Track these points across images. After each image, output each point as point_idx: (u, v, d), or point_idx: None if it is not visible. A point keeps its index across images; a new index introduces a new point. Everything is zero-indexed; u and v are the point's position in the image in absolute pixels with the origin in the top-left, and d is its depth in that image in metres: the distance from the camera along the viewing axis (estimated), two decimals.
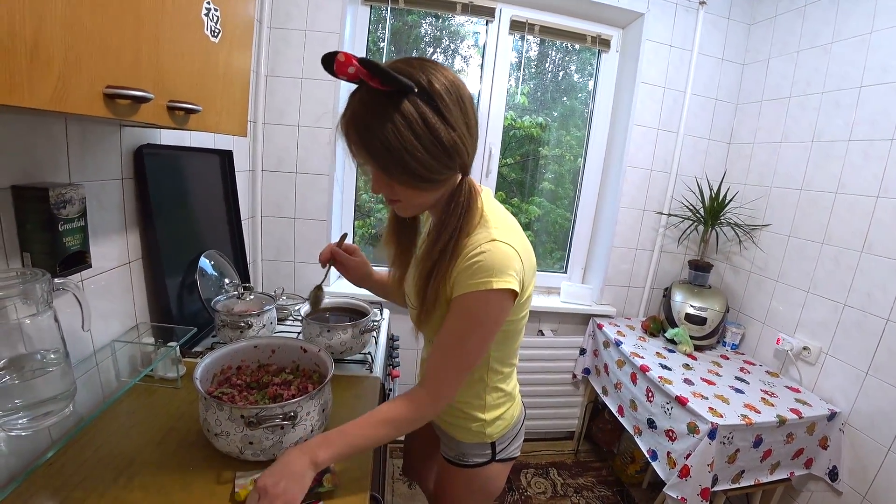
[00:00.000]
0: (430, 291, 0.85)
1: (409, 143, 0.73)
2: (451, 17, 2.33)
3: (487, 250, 0.80)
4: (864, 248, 1.67)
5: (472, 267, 0.80)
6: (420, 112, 0.73)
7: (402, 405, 0.86)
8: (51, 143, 0.90)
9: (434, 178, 0.79)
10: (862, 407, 1.63)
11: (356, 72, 0.71)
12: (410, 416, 0.86)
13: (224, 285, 1.52)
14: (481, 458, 1.07)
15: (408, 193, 0.82)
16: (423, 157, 0.75)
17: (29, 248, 0.85)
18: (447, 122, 0.76)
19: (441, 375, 0.87)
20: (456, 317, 0.84)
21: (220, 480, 0.85)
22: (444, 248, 0.82)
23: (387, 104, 0.73)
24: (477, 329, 0.84)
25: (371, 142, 0.74)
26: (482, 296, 0.80)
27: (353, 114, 0.76)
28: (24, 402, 0.75)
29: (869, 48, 1.70)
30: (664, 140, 2.30)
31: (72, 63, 0.57)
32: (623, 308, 2.51)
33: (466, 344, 0.84)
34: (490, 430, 1.04)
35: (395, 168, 0.76)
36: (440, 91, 0.75)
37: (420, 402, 0.87)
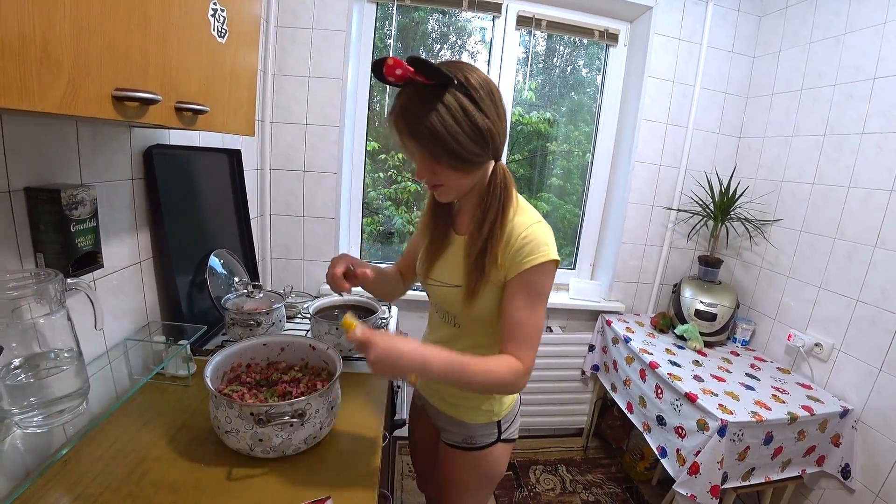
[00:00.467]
0: (481, 268, 0.93)
1: (451, 129, 0.83)
2: (458, 13, 2.32)
3: (533, 230, 0.92)
4: (877, 243, 1.64)
5: (526, 246, 0.91)
6: (459, 102, 0.83)
7: (504, 367, 0.90)
8: (62, 145, 0.91)
9: (473, 161, 0.88)
10: (875, 404, 1.61)
11: (403, 72, 0.82)
12: (508, 381, 0.91)
13: (233, 283, 1.54)
14: (489, 438, 1.12)
15: (450, 176, 0.90)
16: (464, 141, 0.85)
17: (42, 249, 0.86)
18: (482, 111, 0.86)
19: (530, 350, 0.93)
20: (521, 292, 0.92)
21: (230, 477, 0.86)
22: (493, 226, 0.93)
23: (431, 96, 0.83)
24: (541, 299, 0.94)
25: (419, 129, 0.84)
26: (540, 268, 0.91)
27: (401, 107, 0.86)
28: (39, 400, 0.77)
29: (883, 38, 1.67)
30: (673, 134, 2.28)
31: (81, 66, 0.58)
32: (632, 304, 2.50)
33: (536, 313, 0.93)
34: (498, 407, 1.10)
35: (440, 151, 0.85)
36: (475, 84, 0.85)
37: (517, 371, 0.91)
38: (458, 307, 1.02)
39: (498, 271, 0.94)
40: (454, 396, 1.12)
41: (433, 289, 1.09)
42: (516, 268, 0.91)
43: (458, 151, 0.85)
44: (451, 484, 1.19)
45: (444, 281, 1.04)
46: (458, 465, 1.16)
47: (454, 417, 1.13)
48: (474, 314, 1.01)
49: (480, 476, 1.16)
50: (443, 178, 0.91)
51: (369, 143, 2.34)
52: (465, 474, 1.16)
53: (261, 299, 1.42)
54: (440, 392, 1.17)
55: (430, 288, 1.10)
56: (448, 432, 1.17)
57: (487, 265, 0.93)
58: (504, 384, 0.92)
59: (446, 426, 1.17)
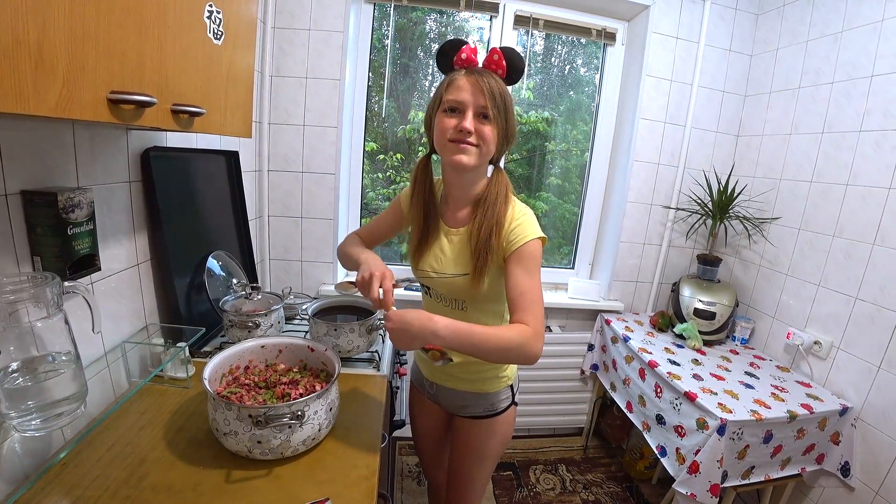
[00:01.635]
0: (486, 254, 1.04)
1: (512, 109, 1.04)
2: (456, 13, 2.32)
3: (525, 215, 1.07)
4: (876, 241, 1.64)
5: (521, 227, 1.04)
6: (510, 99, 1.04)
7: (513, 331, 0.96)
8: (59, 148, 0.91)
9: (507, 139, 1.06)
10: (874, 402, 1.61)
11: (499, 58, 1.02)
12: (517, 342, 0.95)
13: (232, 285, 1.54)
14: (506, 402, 1.26)
15: (491, 140, 1.02)
16: (512, 124, 1.06)
17: (39, 253, 0.86)
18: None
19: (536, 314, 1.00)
20: (522, 265, 1.02)
21: (229, 479, 0.86)
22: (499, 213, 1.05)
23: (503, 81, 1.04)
24: (537, 269, 1.04)
25: (496, 85, 1.00)
26: (535, 243, 1.03)
27: (482, 70, 1.02)
28: (37, 404, 0.77)
29: (881, 36, 1.67)
30: (671, 133, 2.28)
31: (76, 69, 0.58)
32: (631, 303, 2.50)
33: (537, 282, 1.03)
34: (510, 371, 1.26)
35: (502, 110, 1.01)
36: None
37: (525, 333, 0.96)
38: (466, 292, 1.11)
39: (497, 255, 1.06)
40: (470, 373, 1.22)
41: (437, 281, 1.15)
42: (514, 244, 1.03)
43: (509, 119, 1.03)
44: (472, 452, 1.29)
45: (450, 272, 1.12)
46: (480, 433, 1.26)
47: (473, 392, 1.23)
48: (481, 295, 1.11)
49: (499, 441, 1.28)
50: (486, 137, 1.01)
51: (367, 143, 2.34)
52: (488, 441, 1.27)
53: (259, 301, 1.41)
54: (454, 375, 1.24)
55: (434, 280, 1.16)
56: (468, 408, 1.26)
57: (490, 253, 1.04)
58: (515, 346, 0.96)
59: (466, 403, 1.26)
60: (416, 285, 1.98)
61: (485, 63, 1.03)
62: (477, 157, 1.03)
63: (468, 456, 1.30)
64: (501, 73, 1.02)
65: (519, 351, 0.97)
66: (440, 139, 1.04)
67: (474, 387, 1.23)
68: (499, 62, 1.01)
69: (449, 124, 1.01)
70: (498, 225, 1.05)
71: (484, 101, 0.98)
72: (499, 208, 1.06)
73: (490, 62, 1.02)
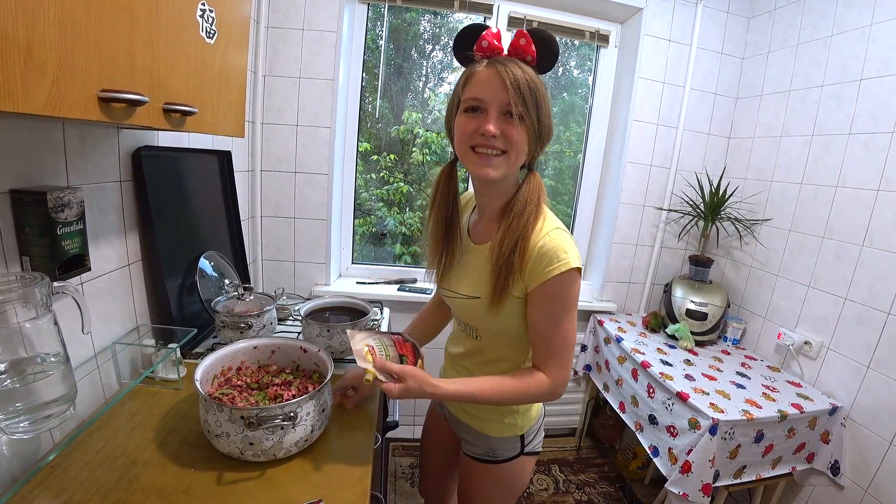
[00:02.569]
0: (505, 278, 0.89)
1: (547, 101, 0.88)
2: (450, 14, 2.32)
3: (552, 238, 0.88)
4: (865, 242, 1.66)
5: (545, 256, 0.87)
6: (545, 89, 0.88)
7: (530, 383, 0.92)
8: (48, 147, 0.90)
9: (539, 139, 0.90)
10: (863, 401, 1.63)
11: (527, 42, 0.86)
12: (534, 394, 0.93)
13: (224, 286, 1.53)
14: (511, 452, 1.09)
15: (520, 143, 0.87)
16: (546, 121, 0.89)
17: (28, 252, 0.85)
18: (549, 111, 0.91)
19: (560, 363, 0.93)
20: (545, 305, 0.90)
21: (221, 482, 0.85)
22: (527, 223, 0.90)
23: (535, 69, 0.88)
24: (567, 309, 0.91)
25: (524, 78, 0.84)
26: (560, 278, 0.87)
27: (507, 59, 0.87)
28: (26, 406, 0.76)
29: (869, 40, 1.69)
30: (664, 135, 2.30)
31: (66, 67, 0.57)
32: (624, 304, 2.51)
33: (562, 326, 0.91)
34: (522, 421, 1.07)
35: (531, 106, 0.85)
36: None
37: (542, 384, 0.92)
38: (479, 319, 1.00)
39: (519, 283, 0.91)
40: (476, 409, 1.09)
41: (452, 300, 1.05)
42: (536, 279, 0.88)
43: (541, 116, 0.87)
44: (472, 497, 1.17)
45: (462, 293, 1.00)
46: (480, 478, 1.14)
47: (476, 429, 1.10)
48: (497, 327, 0.98)
49: (502, 490, 1.14)
50: (515, 140, 0.86)
51: (361, 144, 2.34)
52: (488, 487, 1.14)
53: (252, 301, 1.41)
54: (462, 404, 1.13)
55: (449, 300, 1.06)
56: (470, 444, 1.14)
57: (512, 275, 0.89)
58: (529, 398, 0.94)
59: (468, 437, 1.14)
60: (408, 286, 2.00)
61: (510, 50, 0.87)
62: (505, 166, 0.88)
63: (468, 497, 1.18)
64: (532, 59, 0.87)
65: (535, 400, 0.96)
66: (461, 146, 0.90)
67: (477, 424, 1.09)
68: (527, 47, 0.86)
69: (469, 127, 0.87)
70: (523, 240, 0.88)
71: (508, 96, 0.82)
72: (525, 220, 0.89)
73: (517, 48, 0.86)
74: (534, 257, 0.87)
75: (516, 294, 0.92)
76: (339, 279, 2.40)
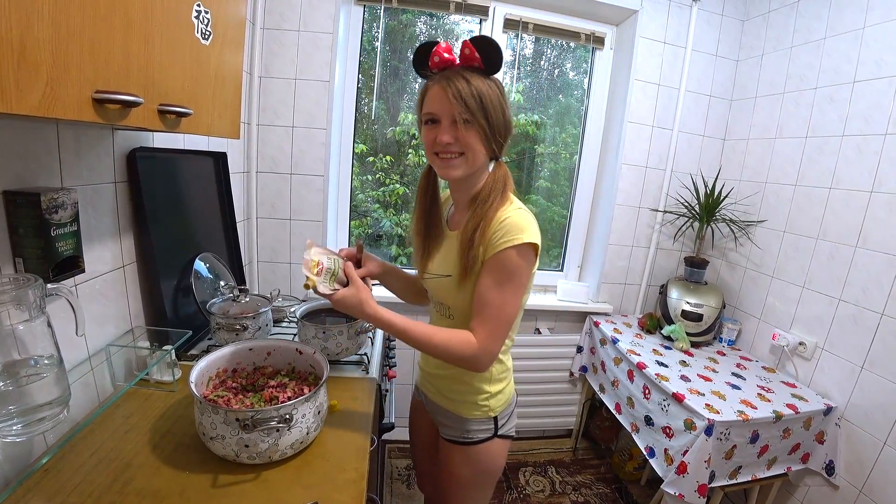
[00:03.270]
0: (472, 252, 0.97)
1: (494, 100, 0.95)
2: (446, 16, 2.32)
3: (512, 214, 0.97)
4: (858, 243, 1.67)
5: (501, 229, 0.95)
6: (499, 89, 0.97)
7: (456, 340, 0.97)
8: (42, 148, 0.90)
9: (495, 139, 0.97)
10: (857, 401, 1.64)
11: (471, 51, 0.93)
12: (458, 353, 0.97)
13: (219, 287, 1.52)
14: (485, 433, 1.14)
15: (475, 145, 0.96)
16: (498, 116, 0.96)
17: (21, 254, 0.85)
18: (506, 108, 0.99)
19: (491, 329, 0.97)
20: (493, 273, 0.96)
21: (216, 484, 0.85)
22: (489, 209, 0.98)
23: (481, 74, 0.95)
24: (513, 282, 0.96)
25: (468, 89, 0.92)
26: (513, 251, 0.94)
27: (453, 72, 0.94)
28: (19, 408, 0.75)
29: (862, 43, 1.70)
30: (659, 137, 2.31)
31: (60, 68, 0.57)
32: (619, 305, 2.51)
33: (505, 296, 0.96)
34: (493, 402, 1.13)
35: (479, 113, 0.93)
36: (502, 87, 0.99)
37: (470, 346, 0.96)
38: (450, 297, 1.06)
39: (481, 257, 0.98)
40: (450, 391, 1.15)
41: (429, 282, 1.12)
42: (491, 249, 0.95)
43: (492, 121, 0.95)
44: (450, 480, 1.20)
45: (437, 273, 1.08)
46: (456, 460, 1.17)
47: (451, 412, 1.16)
48: (466, 303, 1.03)
49: (478, 472, 1.18)
50: (468, 144, 0.95)
51: (357, 145, 2.34)
52: (464, 469, 1.17)
53: (247, 303, 1.40)
54: (437, 386, 1.19)
55: (426, 282, 1.13)
56: (446, 427, 1.19)
57: (476, 243, 0.97)
58: (455, 358, 0.98)
59: (444, 421, 1.19)
60: None
61: (461, 59, 0.96)
62: (465, 166, 0.98)
63: (446, 482, 1.22)
64: (478, 64, 0.94)
65: (460, 362, 0.99)
66: (428, 153, 1.01)
67: (451, 406, 1.16)
68: (471, 55, 0.94)
69: (430, 137, 0.98)
70: (485, 220, 0.97)
71: (454, 108, 0.92)
72: (489, 205, 0.98)
73: (465, 57, 0.95)
74: (493, 230, 0.96)
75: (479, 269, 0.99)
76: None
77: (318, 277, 0.95)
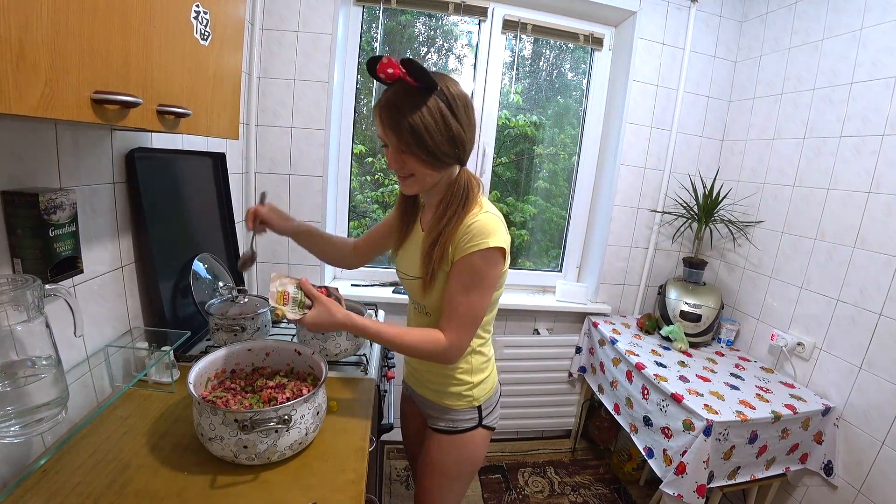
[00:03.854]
0: (433, 259, 1.01)
1: (429, 126, 0.93)
2: (445, 17, 2.32)
3: (479, 219, 0.99)
4: (856, 244, 1.68)
5: (469, 233, 0.98)
6: (439, 107, 0.94)
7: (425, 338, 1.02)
8: (41, 148, 0.90)
9: (441, 160, 0.97)
10: (856, 401, 1.64)
11: (395, 72, 0.91)
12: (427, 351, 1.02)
13: (218, 288, 1.52)
14: (470, 423, 1.19)
15: (419, 169, 0.98)
16: (439, 140, 0.95)
17: (19, 255, 0.85)
18: (457, 119, 0.96)
19: (458, 330, 1.01)
20: (460, 275, 1.00)
21: (214, 485, 0.84)
22: (448, 222, 1.00)
23: (416, 95, 0.93)
24: (480, 284, 1.00)
25: (400, 121, 0.93)
26: (480, 254, 0.97)
27: (387, 100, 0.95)
28: (17, 409, 0.75)
29: (860, 44, 1.71)
30: (657, 137, 2.31)
31: (59, 69, 0.57)
32: (618, 306, 2.51)
33: (471, 298, 1.00)
34: (476, 392, 1.17)
35: (414, 144, 0.94)
36: (454, 95, 0.96)
37: (439, 344, 1.01)
38: (422, 297, 1.10)
39: (448, 262, 1.02)
40: (434, 383, 1.19)
41: (404, 281, 1.17)
42: (459, 253, 0.99)
43: (432, 148, 0.95)
44: (432, 468, 1.23)
45: (408, 273, 1.13)
46: (440, 448, 1.21)
47: (436, 403, 1.20)
48: (437, 302, 1.08)
49: (460, 461, 1.21)
50: (412, 169, 0.99)
51: (356, 146, 2.34)
52: (447, 458, 1.21)
53: (246, 304, 1.40)
54: (422, 380, 1.22)
55: (402, 281, 1.18)
56: (433, 418, 1.22)
57: (435, 257, 1.01)
58: (425, 356, 1.04)
59: (431, 412, 1.23)
60: (402, 288, 2.00)
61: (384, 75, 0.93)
62: (416, 185, 1.02)
63: (428, 470, 1.24)
64: (410, 82, 0.92)
65: (431, 359, 1.06)
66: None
67: (437, 398, 1.19)
68: (394, 74, 0.92)
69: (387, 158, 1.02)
70: (445, 233, 1.00)
71: (391, 135, 0.95)
72: (453, 211, 1.00)
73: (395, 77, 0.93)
74: (461, 233, 0.99)
75: (447, 270, 1.03)
76: (333, 281, 2.39)
77: (287, 307, 1.00)
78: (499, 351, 2.34)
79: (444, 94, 0.95)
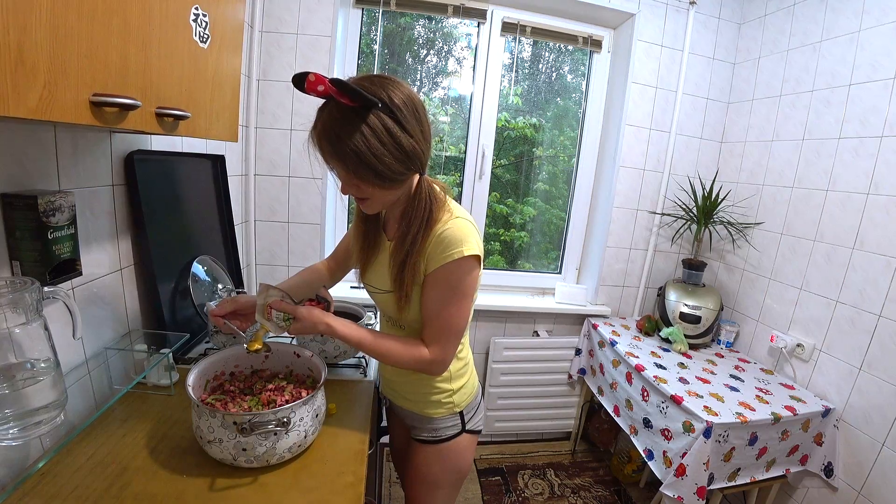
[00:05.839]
0: (406, 276, 0.97)
1: (375, 150, 0.83)
2: (444, 19, 2.33)
3: (450, 226, 0.94)
4: (855, 245, 1.68)
5: (442, 243, 0.93)
6: (384, 123, 0.84)
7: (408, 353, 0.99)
8: (40, 151, 0.90)
9: (397, 179, 0.90)
10: (855, 403, 1.64)
11: (326, 90, 0.81)
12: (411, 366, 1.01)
13: (217, 290, 1.52)
14: (453, 429, 1.16)
15: (374, 192, 0.92)
16: (388, 161, 0.85)
17: (18, 257, 0.85)
18: (406, 131, 0.86)
19: (441, 343, 0.99)
20: (436, 288, 0.96)
21: (213, 488, 0.84)
22: (415, 238, 0.95)
23: (354, 117, 0.83)
24: (458, 294, 0.97)
25: (342, 149, 0.84)
26: (454, 264, 0.93)
27: (323, 126, 0.86)
28: (15, 412, 0.75)
29: (858, 46, 1.71)
30: (656, 139, 2.31)
31: (58, 71, 0.57)
32: (618, 308, 2.51)
33: (450, 309, 0.97)
34: (456, 398, 1.14)
35: (363, 171, 0.85)
36: (399, 105, 0.85)
37: (422, 360, 0.99)
38: (395, 312, 1.05)
39: (421, 273, 0.97)
40: (412, 394, 1.15)
41: (373, 295, 1.12)
42: (433, 264, 0.95)
43: (383, 171, 0.86)
44: (420, 479, 1.20)
45: (378, 286, 1.08)
46: (426, 459, 1.18)
47: (416, 413, 1.16)
48: (413, 315, 1.04)
49: (448, 469, 1.19)
50: (367, 193, 0.92)
51: None
52: (434, 468, 1.18)
53: None
54: (400, 391, 1.19)
55: (371, 294, 1.13)
56: (417, 429, 1.19)
57: (407, 273, 0.96)
58: (411, 368, 1.02)
59: (413, 423, 1.20)
60: None
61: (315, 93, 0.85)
62: (373, 206, 0.96)
63: (416, 481, 1.21)
64: (346, 101, 0.82)
65: (415, 370, 1.03)
66: None
67: (417, 408, 1.16)
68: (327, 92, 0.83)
69: None
70: (414, 248, 0.95)
71: (336, 163, 0.88)
72: (417, 227, 0.94)
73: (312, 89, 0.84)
74: (433, 244, 0.94)
75: (421, 282, 0.99)
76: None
77: (271, 322, 0.98)
78: (498, 353, 2.34)
79: (388, 106, 0.84)
